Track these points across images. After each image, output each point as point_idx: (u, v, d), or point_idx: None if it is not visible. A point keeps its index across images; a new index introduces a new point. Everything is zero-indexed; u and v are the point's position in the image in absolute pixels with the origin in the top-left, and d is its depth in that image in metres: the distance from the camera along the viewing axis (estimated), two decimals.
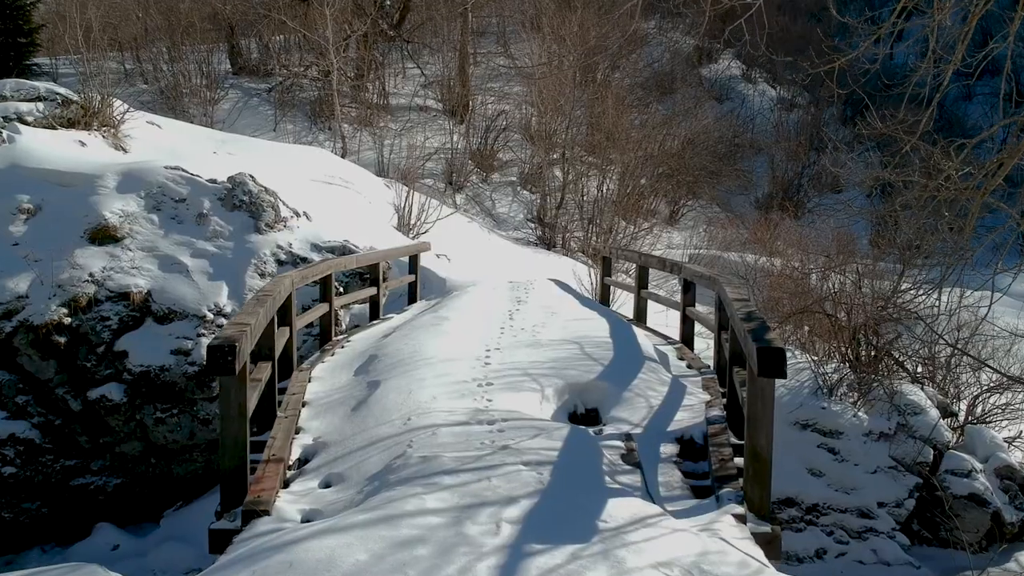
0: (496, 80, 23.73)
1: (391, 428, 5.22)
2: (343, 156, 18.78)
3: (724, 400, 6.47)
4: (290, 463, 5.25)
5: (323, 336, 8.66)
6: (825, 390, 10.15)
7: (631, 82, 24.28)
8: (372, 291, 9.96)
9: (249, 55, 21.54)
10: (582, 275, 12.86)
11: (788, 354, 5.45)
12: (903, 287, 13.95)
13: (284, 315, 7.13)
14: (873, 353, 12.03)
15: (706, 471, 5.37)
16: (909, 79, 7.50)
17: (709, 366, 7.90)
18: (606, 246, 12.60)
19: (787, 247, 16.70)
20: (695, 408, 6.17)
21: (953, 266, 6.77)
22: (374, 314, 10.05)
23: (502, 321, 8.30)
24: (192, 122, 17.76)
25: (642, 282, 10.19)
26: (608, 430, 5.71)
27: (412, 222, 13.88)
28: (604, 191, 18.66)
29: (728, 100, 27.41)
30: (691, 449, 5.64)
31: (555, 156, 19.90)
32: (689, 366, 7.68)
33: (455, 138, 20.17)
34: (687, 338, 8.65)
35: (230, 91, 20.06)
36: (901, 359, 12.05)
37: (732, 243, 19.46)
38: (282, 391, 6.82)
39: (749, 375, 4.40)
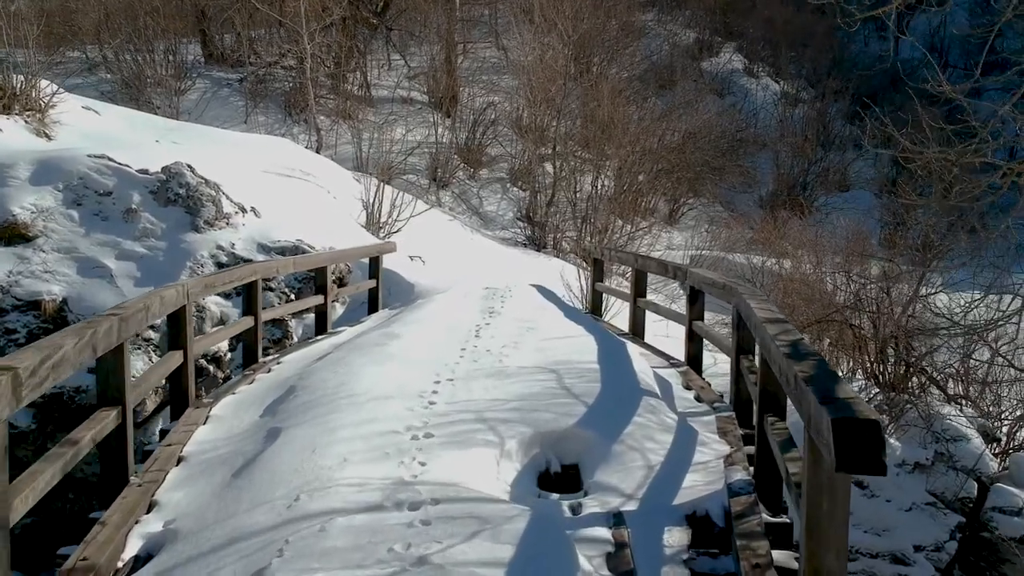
0: (485, 72, 21.93)
1: (267, 515, 3.44)
2: (318, 150, 17.01)
3: (749, 449, 4.73)
4: (120, 564, 3.48)
5: (247, 357, 6.87)
6: None
7: (628, 75, 22.45)
8: (318, 300, 8.16)
9: (222, 43, 19.71)
10: (571, 279, 11.07)
11: None
12: (931, 292, 12.46)
13: (176, 336, 5.38)
14: (904, 369, 10.33)
15: (731, 572, 3.62)
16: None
17: (722, 396, 6.14)
18: (596, 245, 10.80)
19: (797, 248, 14.93)
20: (711, 467, 4.40)
21: None
22: (320, 327, 8.26)
23: (465, 339, 6.53)
24: (156, 113, 15.99)
25: (639, 289, 8.40)
26: (590, 506, 3.93)
27: (383, 220, 12.08)
28: (599, 188, 16.87)
29: (730, 94, 25.55)
30: (707, 533, 3.87)
31: (547, 151, 18.11)
32: (698, 398, 5.91)
33: (439, 131, 18.37)
34: (694, 358, 6.87)
35: (198, 81, 18.24)
36: (934, 375, 10.40)
37: (736, 244, 17.68)
38: (167, 434, 5.08)
39: (811, 458, 2.62)
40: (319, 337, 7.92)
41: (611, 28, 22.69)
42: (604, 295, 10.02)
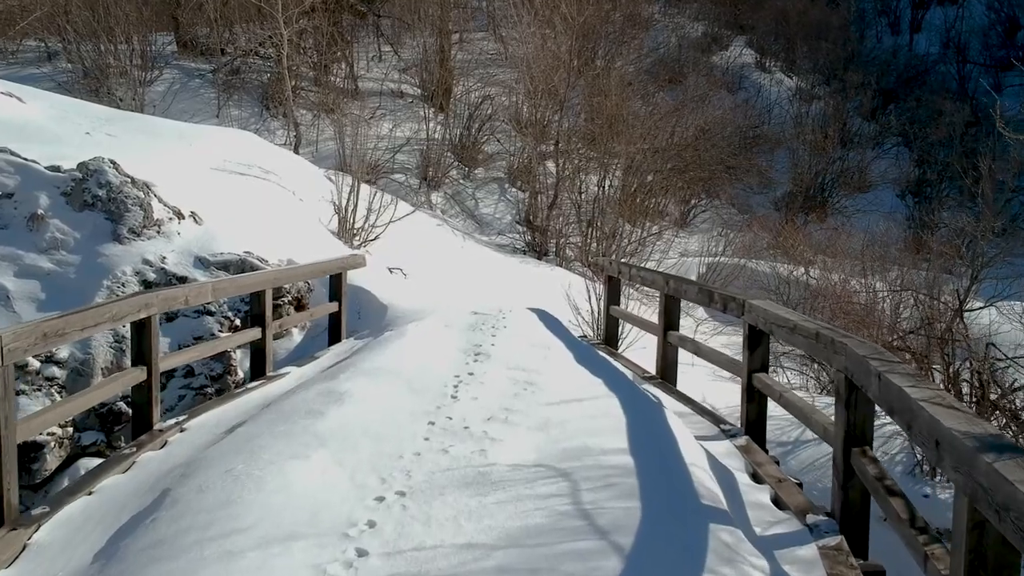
0: (482, 64, 19.82)
1: None
2: (296, 147, 14.97)
3: None
4: None
5: (137, 424, 4.81)
6: (926, 467, 6.70)
7: (635, 68, 20.38)
8: (254, 334, 6.10)
9: (195, 31, 17.60)
10: (578, 297, 9.02)
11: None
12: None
13: None
14: (987, 406, 8.28)
15: None
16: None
17: (801, 487, 4.12)
18: (612, 260, 8.73)
19: (832, 256, 12.88)
20: None
21: None
22: (257, 369, 6.19)
23: (437, 403, 4.48)
24: (119, 106, 13.94)
25: (671, 320, 6.33)
26: None
27: (357, 225, 10.02)
28: (605, 188, 14.80)
29: (741, 90, 23.44)
30: None
31: (548, 148, 16.03)
32: (778, 501, 3.86)
33: (431, 127, 16.29)
34: (755, 425, 4.81)
35: (167, 72, 16.14)
36: (1018, 413, 8.40)
37: (755, 250, 15.62)
38: None
39: None
40: (253, 384, 5.85)
41: (616, 20, 20.64)
42: (620, 320, 7.95)
